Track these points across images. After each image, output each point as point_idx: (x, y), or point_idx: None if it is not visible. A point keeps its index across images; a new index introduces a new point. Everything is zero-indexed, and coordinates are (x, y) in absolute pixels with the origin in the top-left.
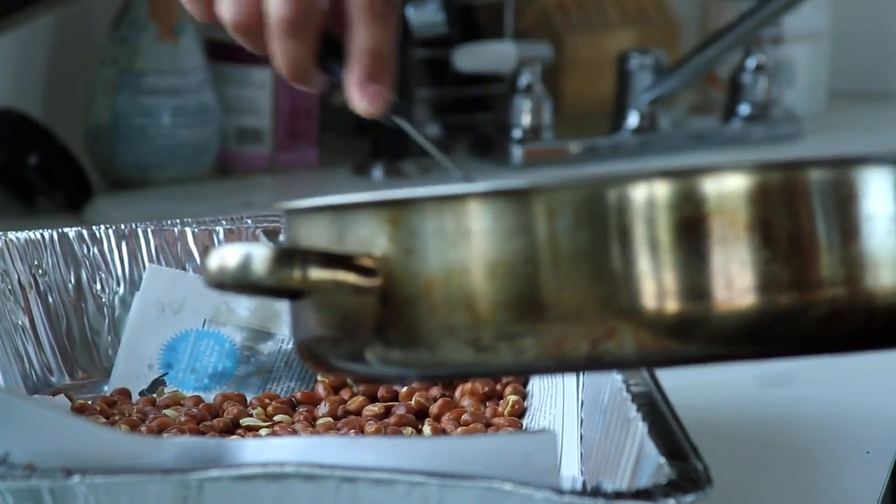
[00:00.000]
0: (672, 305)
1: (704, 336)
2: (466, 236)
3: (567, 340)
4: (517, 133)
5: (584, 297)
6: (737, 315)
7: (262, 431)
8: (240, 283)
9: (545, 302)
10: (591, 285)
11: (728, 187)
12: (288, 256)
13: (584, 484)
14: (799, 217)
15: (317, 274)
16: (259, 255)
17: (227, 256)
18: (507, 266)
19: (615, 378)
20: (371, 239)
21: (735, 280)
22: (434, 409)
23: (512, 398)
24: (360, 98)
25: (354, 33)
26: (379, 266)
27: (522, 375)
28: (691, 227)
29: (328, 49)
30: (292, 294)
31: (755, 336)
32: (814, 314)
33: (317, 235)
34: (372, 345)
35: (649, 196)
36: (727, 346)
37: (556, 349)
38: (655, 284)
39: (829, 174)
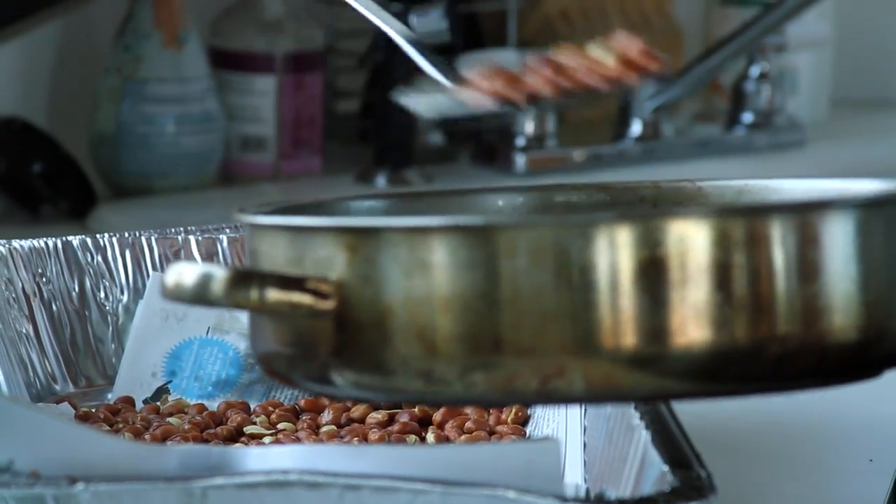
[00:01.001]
0: (622, 344)
1: (654, 374)
2: (423, 268)
3: (517, 376)
4: (521, 141)
5: (534, 335)
6: (688, 355)
7: (266, 439)
8: (196, 301)
9: (497, 338)
10: (542, 324)
11: (684, 232)
12: (244, 278)
13: (587, 492)
14: (755, 261)
15: (273, 296)
16: (216, 275)
17: (184, 275)
18: (460, 301)
19: None
20: (329, 262)
21: (687, 321)
22: (437, 416)
23: (515, 406)
24: None
25: None
26: (334, 290)
27: (474, 406)
28: (644, 270)
29: None
30: (253, 312)
31: (705, 375)
32: (767, 354)
33: (276, 252)
34: (327, 366)
35: (602, 239)
36: (677, 384)
37: (506, 384)
38: (606, 324)
39: (785, 221)
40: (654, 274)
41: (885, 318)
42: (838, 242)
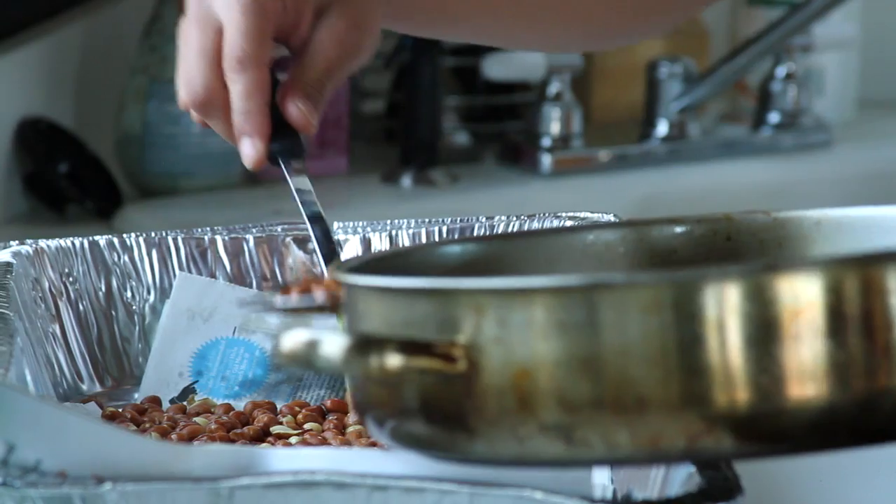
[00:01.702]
0: (753, 400)
1: (792, 430)
2: (559, 328)
3: (664, 436)
4: (546, 141)
5: (682, 393)
6: (818, 408)
7: (293, 439)
8: (311, 369)
9: (644, 398)
10: (689, 382)
11: (804, 283)
12: (365, 346)
13: (614, 493)
14: (873, 311)
15: (397, 361)
16: (332, 343)
17: (300, 341)
18: (602, 360)
19: None
20: (455, 325)
21: (813, 373)
22: None
23: None
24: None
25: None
26: (463, 353)
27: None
28: (767, 324)
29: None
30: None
31: (839, 428)
32: (884, 409)
33: (391, 314)
34: (455, 433)
35: (728, 294)
36: (814, 438)
37: (651, 444)
38: (752, 381)
39: None
40: (794, 329)
41: None
42: None
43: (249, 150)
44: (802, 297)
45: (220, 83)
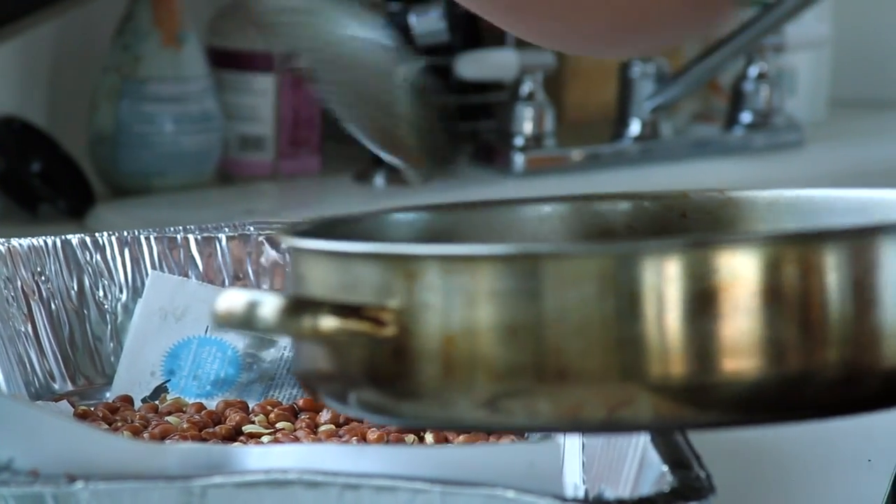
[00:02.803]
0: (685, 373)
1: (720, 403)
2: (488, 296)
3: (584, 406)
4: (519, 141)
5: (603, 364)
6: (749, 383)
7: (265, 438)
8: (247, 329)
9: (564, 367)
10: (611, 353)
11: (742, 259)
12: (298, 306)
13: (585, 492)
14: (813, 289)
15: (329, 324)
16: (269, 303)
17: (235, 302)
18: (527, 330)
19: None
20: (387, 290)
21: (747, 348)
22: None
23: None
24: None
25: None
26: (393, 318)
27: (537, 432)
28: (703, 298)
29: None
30: (309, 340)
31: (768, 403)
32: (824, 379)
33: (327, 278)
34: (381, 395)
35: (666, 267)
36: (742, 412)
37: (572, 414)
38: (672, 353)
39: (844, 245)
40: (718, 303)
41: None
42: (892, 269)
43: None
44: (736, 272)
45: None
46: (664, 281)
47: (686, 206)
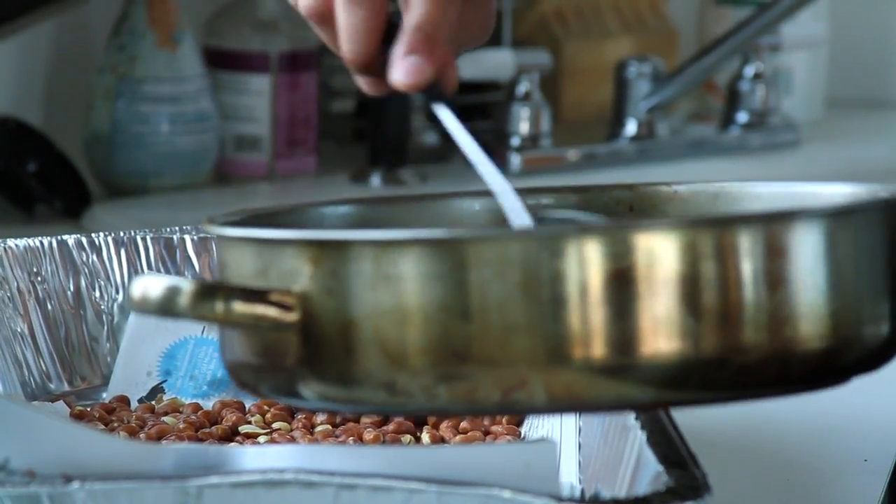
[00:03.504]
0: (582, 355)
1: (616, 384)
2: (386, 281)
3: (479, 388)
4: (515, 141)
5: (496, 347)
6: (652, 365)
7: (261, 439)
8: (162, 313)
9: (458, 350)
10: (503, 335)
11: (649, 244)
12: (210, 291)
13: (582, 492)
14: (723, 273)
15: (238, 308)
16: (182, 288)
17: (150, 287)
18: (422, 313)
19: None
20: (293, 275)
21: (652, 332)
22: (432, 416)
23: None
24: (396, 70)
25: (409, 9)
26: (298, 302)
27: (437, 416)
28: (608, 281)
29: (391, 40)
30: (219, 324)
31: (668, 385)
32: (732, 364)
33: (243, 264)
34: (292, 378)
35: (567, 252)
36: (640, 393)
37: (468, 396)
38: (568, 335)
39: (751, 232)
40: (618, 285)
41: (851, 326)
42: (805, 253)
43: (415, 72)
44: (653, 255)
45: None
46: (558, 265)
47: (633, 200)
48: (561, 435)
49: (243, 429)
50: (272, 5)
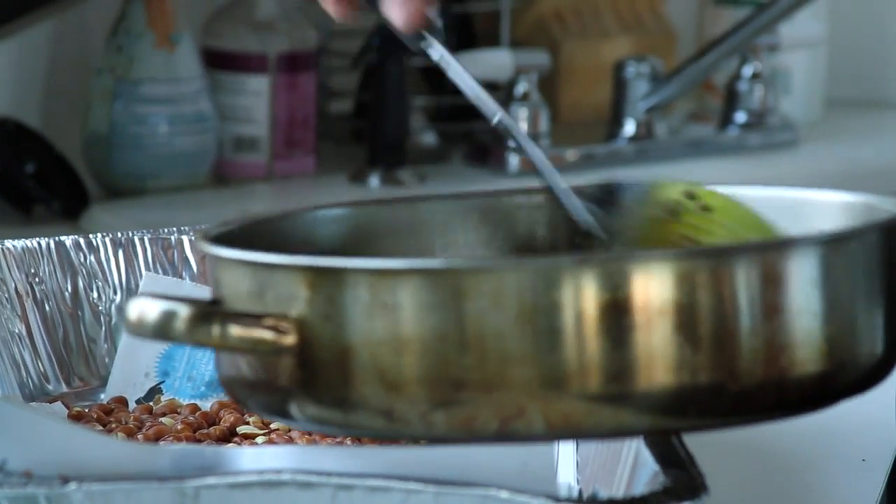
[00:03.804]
0: (581, 385)
1: (614, 413)
2: (384, 309)
3: (477, 417)
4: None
5: (494, 377)
6: (649, 395)
7: (259, 439)
8: (159, 337)
9: (457, 379)
10: (502, 365)
11: (645, 275)
12: (206, 316)
13: (579, 492)
14: (719, 303)
15: (234, 332)
16: (178, 312)
17: (147, 311)
18: (421, 342)
19: None
20: (290, 299)
21: (648, 362)
22: None
23: None
24: (393, 11)
25: None
26: (294, 327)
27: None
28: (604, 312)
29: None
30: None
31: (665, 413)
32: (728, 392)
33: (239, 285)
34: (288, 400)
35: (563, 282)
36: (638, 422)
37: (466, 425)
38: (566, 364)
39: (750, 261)
40: (614, 316)
41: (846, 350)
42: (800, 281)
43: (414, 4)
44: (649, 285)
45: None
46: (555, 296)
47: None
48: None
49: (241, 429)
50: (270, 6)
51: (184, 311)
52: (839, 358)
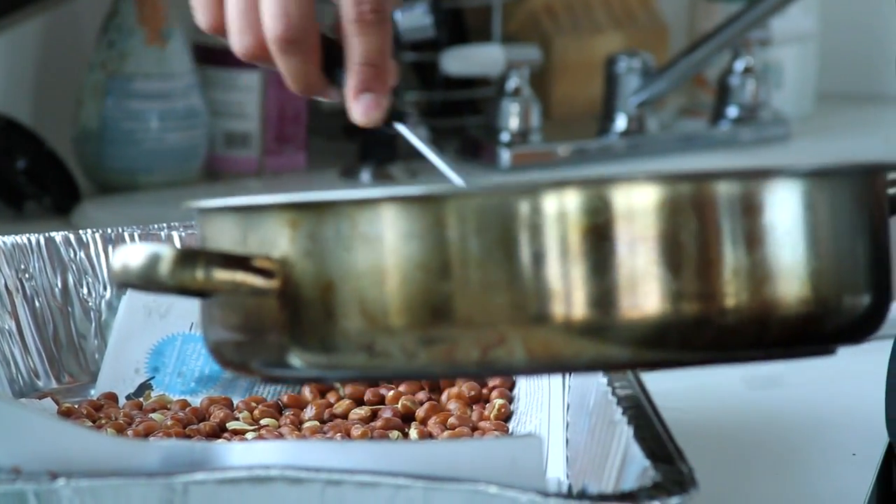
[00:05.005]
0: (563, 313)
1: (595, 343)
2: (362, 241)
3: (458, 348)
4: (505, 136)
5: (474, 306)
6: (631, 323)
7: (249, 435)
8: (144, 282)
9: (437, 309)
10: (482, 293)
11: (629, 198)
12: (190, 257)
13: (569, 487)
14: (702, 229)
15: (218, 275)
16: (162, 255)
17: (130, 257)
18: (400, 272)
19: (601, 381)
20: (272, 241)
21: (631, 289)
22: (420, 412)
23: (498, 402)
24: (355, 109)
25: (348, 44)
26: (278, 268)
27: (418, 379)
28: (586, 237)
29: (333, 60)
30: (200, 293)
31: (647, 344)
32: (711, 324)
33: (223, 235)
34: (276, 347)
35: (545, 206)
36: (619, 352)
37: (447, 356)
38: (547, 292)
39: (733, 187)
40: (596, 241)
41: (831, 291)
42: (783, 212)
43: (374, 108)
44: (633, 209)
45: (313, 19)
46: (546, 219)
47: None
48: (548, 430)
49: (231, 425)
50: None
51: (168, 254)
52: (823, 298)
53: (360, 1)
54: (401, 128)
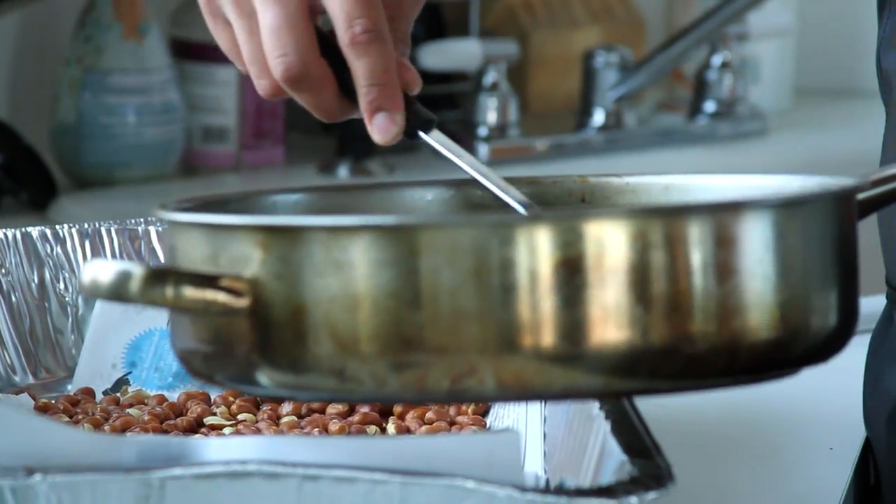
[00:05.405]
0: (533, 343)
1: (565, 372)
2: (336, 267)
3: (429, 376)
4: (483, 131)
5: (445, 335)
6: (600, 354)
7: (226, 430)
8: (113, 298)
9: (408, 337)
10: (453, 323)
11: (599, 233)
12: (160, 276)
13: (546, 482)
14: (673, 262)
15: (188, 293)
16: (132, 273)
17: (101, 272)
18: (372, 300)
19: None
20: (243, 260)
21: (601, 320)
22: (398, 407)
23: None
24: (371, 130)
25: (351, 68)
26: (248, 288)
27: (389, 403)
28: (557, 270)
29: (346, 82)
30: (170, 309)
31: (616, 374)
32: (680, 354)
33: (194, 249)
34: (244, 364)
35: (517, 240)
36: (589, 382)
37: (418, 383)
38: (517, 322)
39: (703, 222)
40: (567, 274)
41: (799, 317)
42: (753, 243)
43: (389, 125)
44: (603, 244)
45: (316, 53)
46: (507, 253)
47: (585, 191)
48: (526, 425)
49: (208, 420)
50: None
51: (138, 272)
52: (792, 324)
53: (352, 24)
54: (425, 136)
